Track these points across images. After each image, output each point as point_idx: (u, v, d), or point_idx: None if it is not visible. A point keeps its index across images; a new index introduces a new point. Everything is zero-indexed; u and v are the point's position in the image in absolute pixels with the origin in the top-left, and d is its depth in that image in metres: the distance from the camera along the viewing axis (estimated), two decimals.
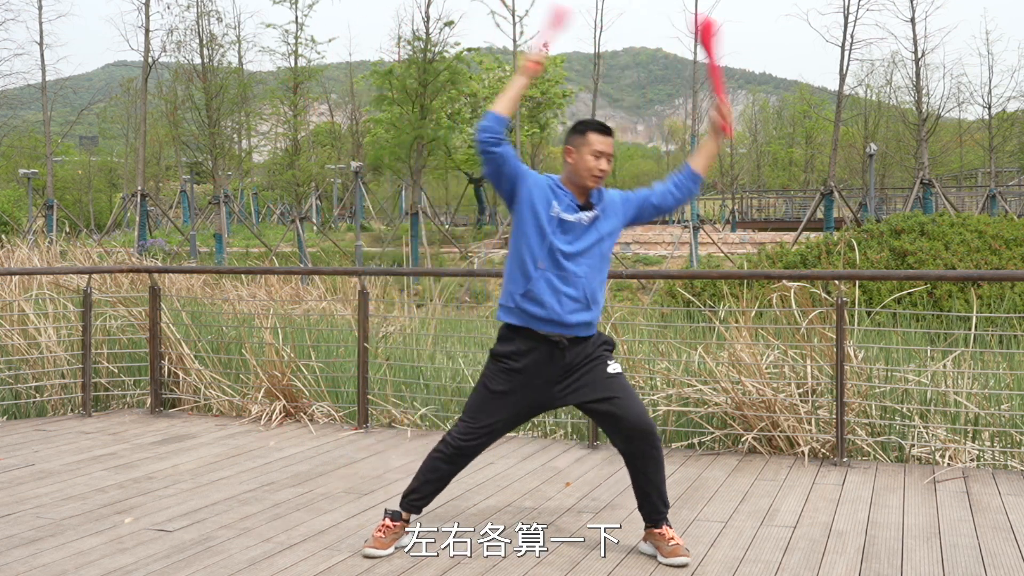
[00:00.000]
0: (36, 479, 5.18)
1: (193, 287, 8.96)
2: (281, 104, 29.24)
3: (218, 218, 26.91)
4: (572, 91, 39.82)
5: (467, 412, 4.01)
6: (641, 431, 3.84)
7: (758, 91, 73.84)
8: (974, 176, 40.68)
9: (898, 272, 6.53)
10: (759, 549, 4.02)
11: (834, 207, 26.30)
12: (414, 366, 7.01)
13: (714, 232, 31.82)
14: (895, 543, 4.08)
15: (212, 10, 39.23)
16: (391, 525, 4.00)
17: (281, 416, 6.70)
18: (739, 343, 5.92)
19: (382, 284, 9.33)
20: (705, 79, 33.96)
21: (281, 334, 7.06)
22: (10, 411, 7.08)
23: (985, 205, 29.26)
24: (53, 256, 10.10)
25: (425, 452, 5.76)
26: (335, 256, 28.32)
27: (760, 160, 56.25)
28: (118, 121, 47.08)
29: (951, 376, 5.78)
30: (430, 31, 27.74)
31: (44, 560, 3.91)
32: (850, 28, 25.61)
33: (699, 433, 5.84)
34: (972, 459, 5.41)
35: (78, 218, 38.11)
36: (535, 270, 3.78)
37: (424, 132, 27.56)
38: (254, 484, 5.08)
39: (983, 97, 32.78)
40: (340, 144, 48.55)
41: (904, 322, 7.59)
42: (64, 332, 7.38)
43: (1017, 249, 11.99)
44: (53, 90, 31.56)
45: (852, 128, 42.46)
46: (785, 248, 14.33)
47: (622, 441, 3.90)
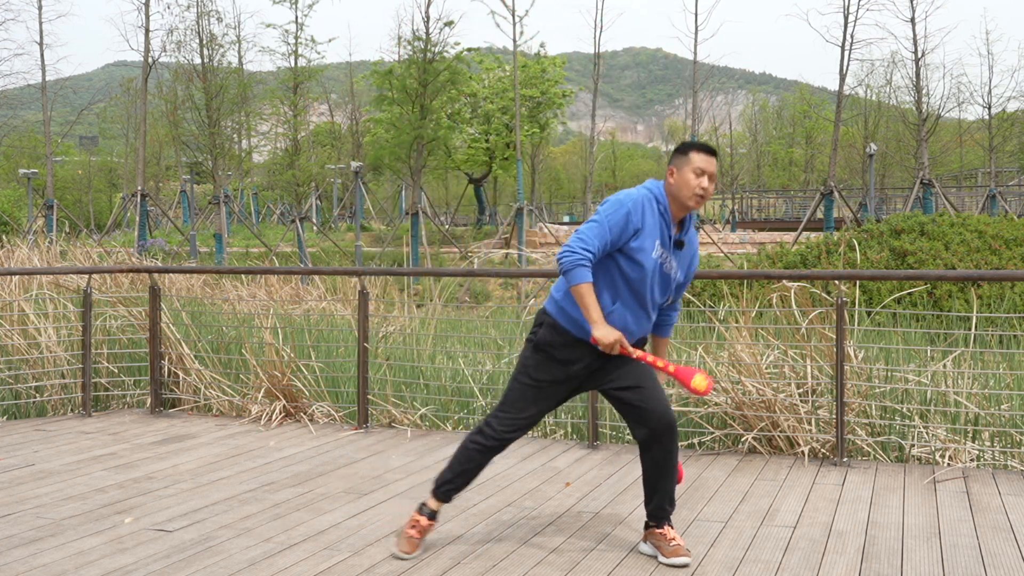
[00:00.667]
0: (36, 479, 5.18)
1: (193, 287, 8.96)
2: (281, 104, 29.24)
3: (218, 218, 26.90)
4: (572, 91, 39.80)
5: (507, 404, 3.94)
6: (663, 424, 3.80)
7: (758, 91, 73.85)
8: (974, 176, 40.69)
9: (898, 272, 6.52)
10: (759, 549, 4.01)
11: (834, 207, 26.30)
12: (414, 366, 7.01)
13: (714, 232, 31.83)
14: (895, 543, 4.08)
15: (212, 10, 39.30)
16: (428, 525, 4.00)
17: (281, 416, 6.70)
18: (739, 343, 5.92)
19: (382, 284, 9.33)
20: (705, 79, 34.03)
21: (281, 334, 7.06)
22: (10, 411, 7.08)
23: (985, 205, 29.27)
24: (53, 256, 10.10)
25: (425, 452, 5.78)
26: (335, 256, 28.34)
27: (760, 160, 56.29)
28: (118, 121, 47.11)
29: (951, 376, 5.78)
30: (430, 31, 27.75)
31: (44, 560, 3.91)
32: (850, 28, 25.65)
33: (699, 433, 5.84)
34: (972, 459, 5.41)
35: (78, 218, 38.14)
36: (612, 304, 3.78)
37: (424, 132, 27.57)
38: (254, 484, 5.08)
39: (983, 97, 32.86)
40: (340, 144, 48.57)
41: (904, 322, 7.59)
42: (64, 332, 7.38)
43: (1017, 249, 11.99)
44: (53, 90, 31.58)
45: (852, 128, 42.49)
46: (785, 248, 14.32)
47: (642, 432, 3.85)
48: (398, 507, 4.64)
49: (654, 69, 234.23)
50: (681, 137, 61.05)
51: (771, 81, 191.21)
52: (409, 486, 5.03)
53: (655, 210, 3.74)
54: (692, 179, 3.71)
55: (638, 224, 3.67)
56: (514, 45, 27.52)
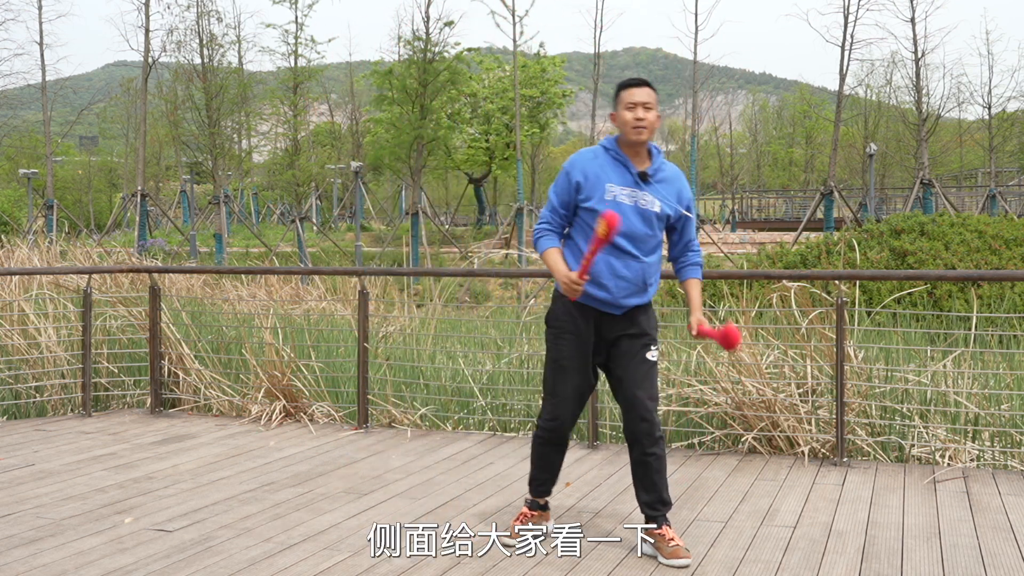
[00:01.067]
0: (36, 479, 5.18)
1: (193, 287, 8.96)
2: (281, 104, 29.25)
3: (218, 218, 26.91)
4: (572, 91, 39.81)
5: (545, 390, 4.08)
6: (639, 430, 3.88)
7: (758, 91, 73.81)
8: (974, 176, 40.69)
9: (898, 272, 6.52)
10: (759, 549, 4.01)
11: (834, 207, 26.30)
12: (414, 366, 7.01)
13: (714, 232, 31.82)
14: (895, 543, 4.08)
15: (212, 10, 39.30)
16: (529, 514, 4.12)
17: (281, 416, 6.70)
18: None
19: (382, 284, 9.33)
20: (705, 79, 34.00)
21: (281, 334, 7.06)
22: (10, 411, 7.08)
23: (985, 205, 29.27)
24: (53, 256, 10.10)
25: (425, 452, 5.79)
26: (335, 256, 28.34)
27: (760, 160, 56.27)
28: (118, 121, 47.09)
29: (951, 376, 5.78)
30: (430, 31, 27.75)
31: (44, 560, 3.91)
32: (850, 28, 25.66)
33: (699, 433, 5.84)
34: (972, 459, 5.41)
35: (78, 218, 38.14)
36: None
37: (424, 132, 27.56)
38: (254, 484, 5.08)
39: (983, 97, 32.86)
40: (340, 144, 48.56)
41: (904, 322, 7.58)
42: (64, 332, 7.38)
43: (1017, 249, 11.99)
44: (53, 90, 31.59)
45: (852, 128, 42.48)
46: (785, 248, 14.31)
47: (625, 430, 3.96)
48: (398, 507, 4.65)
49: (654, 69, 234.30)
50: (681, 137, 61.04)
51: (771, 81, 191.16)
52: (409, 486, 5.03)
53: (604, 159, 3.89)
54: (627, 115, 3.83)
55: (579, 179, 3.87)
56: (514, 45, 27.52)
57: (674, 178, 3.93)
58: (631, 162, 3.86)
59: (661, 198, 3.87)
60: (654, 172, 3.89)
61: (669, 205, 3.89)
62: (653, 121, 3.83)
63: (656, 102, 3.86)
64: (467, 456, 5.68)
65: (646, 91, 3.85)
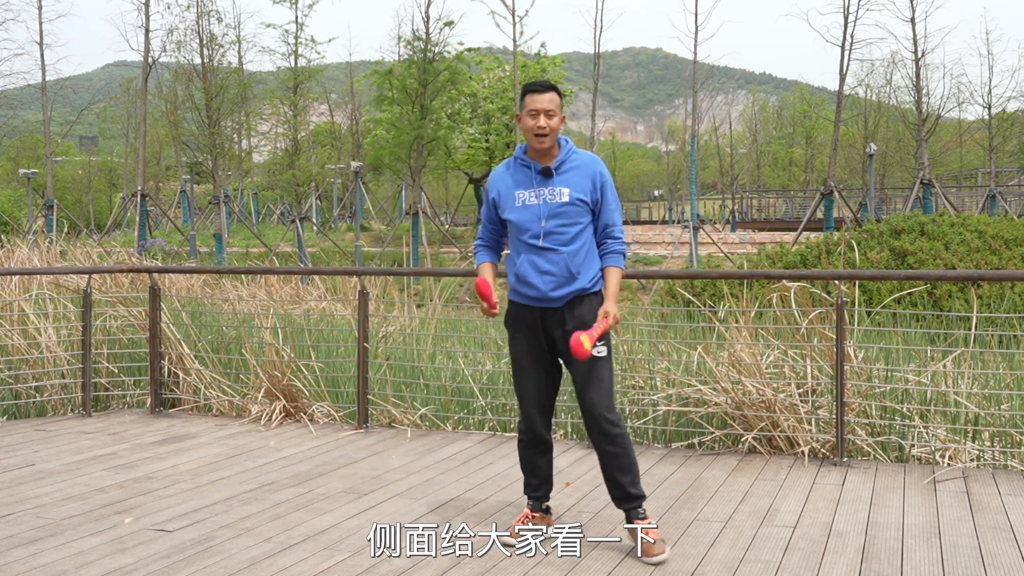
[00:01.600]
0: (36, 479, 5.18)
1: (193, 287, 8.96)
2: (281, 104, 29.24)
3: (218, 218, 26.90)
4: (572, 91, 39.81)
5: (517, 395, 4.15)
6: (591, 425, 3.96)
7: (758, 91, 73.83)
8: (974, 176, 40.69)
9: (898, 272, 6.52)
10: (759, 549, 4.01)
11: (834, 207, 26.29)
12: (414, 366, 7.01)
13: (714, 232, 31.84)
14: (895, 543, 4.08)
15: (212, 10, 39.28)
16: (531, 515, 4.16)
17: (281, 416, 6.70)
18: (739, 343, 5.91)
19: (382, 284, 9.33)
20: (705, 79, 33.99)
21: (281, 334, 7.06)
22: (10, 411, 7.08)
23: (985, 205, 29.27)
24: (53, 256, 10.10)
25: (425, 452, 5.79)
26: (335, 256, 28.32)
27: (760, 160, 56.27)
28: (118, 121, 47.10)
29: (951, 376, 5.78)
30: (430, 31, 27.74)
31: (44, 560, 3.91)
32: (850, 28, 25.62)
33: (699, 433, 5.84)
34: (972, 459, 5.41)
35: (78, 218, 38.14)
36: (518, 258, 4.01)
37: (424, 132, 27.56)
38: (254, 484, 5.08)
39: (983, 97, 32.83)
40: (340, 144, 48.55)
41: (904, 322, 7.58)
42: (64, 332, 7.38)
43: (1017, 249, 11.99)
44: (53, 90, 31.55)
45: (852, 128, 42.46)
46: (785, 248, 14.32)
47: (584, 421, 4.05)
48: (398, 507, 4.65)
49: (654, 69, 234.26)
50: (681, 137, 61.05)
51: (771, 81, 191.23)
52: (409, 486, 5.03)
53: (514, 168, 4.01)
54: (529, 122, 3.91)
55: (494, 195, 4.04)
56: (514, 45, 27.52)
57: (584, 164, 3.97)
58: (537, 163, 3.95)
59: (571, 186, 3.91)
60: (559, 164, 3.95)
61: (581, 191, 3.92)
62: (556, 126, 3.90)
63: (559, 107, 3.92)
64: (467, 456, 5.68)
65: (548, 96, 3.89)
